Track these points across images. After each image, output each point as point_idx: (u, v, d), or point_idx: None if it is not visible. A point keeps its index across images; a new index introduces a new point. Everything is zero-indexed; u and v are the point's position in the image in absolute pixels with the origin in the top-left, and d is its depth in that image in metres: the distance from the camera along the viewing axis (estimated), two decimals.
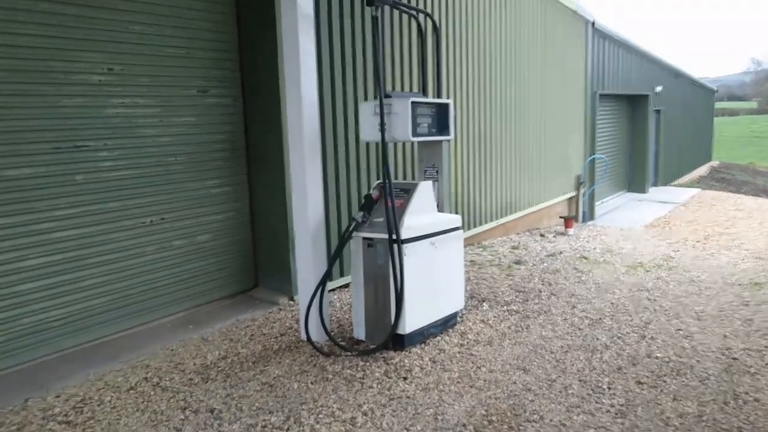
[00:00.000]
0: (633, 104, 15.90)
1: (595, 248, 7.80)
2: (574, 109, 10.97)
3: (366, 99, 5.60)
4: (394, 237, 3.83)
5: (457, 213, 7.32)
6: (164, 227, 4.75)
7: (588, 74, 11.54)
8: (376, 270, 4.03)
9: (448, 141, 4.44)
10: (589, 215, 11.83)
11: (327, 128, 5.27)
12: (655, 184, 17.56)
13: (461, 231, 4.41)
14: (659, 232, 9.91)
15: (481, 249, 7.56)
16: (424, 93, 4.55)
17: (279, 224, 5.20)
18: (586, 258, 7.06)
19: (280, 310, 5.03)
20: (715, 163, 27.85)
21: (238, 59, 5.23)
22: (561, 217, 9.66)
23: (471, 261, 6.84)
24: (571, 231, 9.25)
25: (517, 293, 5.46)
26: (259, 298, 5.34)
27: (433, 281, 4.18)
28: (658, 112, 17.22)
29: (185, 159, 4.86)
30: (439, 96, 4.53)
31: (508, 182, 8.68)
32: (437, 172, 4.48)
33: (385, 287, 3.97)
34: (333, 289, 5.48)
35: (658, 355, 3.96)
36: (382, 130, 3.90)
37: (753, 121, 67.74)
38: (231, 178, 5.23)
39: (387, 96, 4.01)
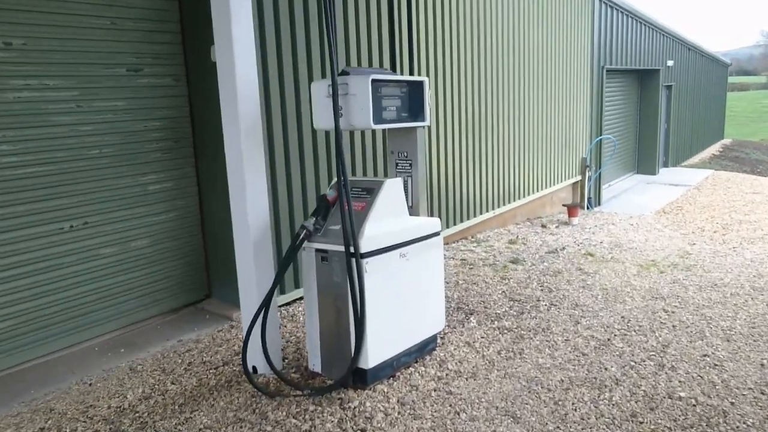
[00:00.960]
0: (642, 79, 14.96)
1: (602, 242, 7.01)
2: (579, 86, 10.09)
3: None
4: (352, 250, 3.06)
5: (447, 204, 6.53)
6: (88, 233, 3.99)
7: (595, 47, 10.63)
8: (332, 288, 3.26)
9: (424, 128, 3.64)
10: (596, 201, 11.02)
11: (287, 113, 4.48)
12: (665, 165, 16.67)
13: (440, 237, 3.63)
14: (672, 219, 9.10)
15: (474, 244, 6.79)
16: (394, 69, 3.74)
17: (232, 225, 4.44)
18: (591, 255, 6.27)
19: (232, 327, 4.28)
20: (727, 141, 26.82)
21: (179, 31, 4.42)
22: (564, 205, 8.85)
23: (462, 260, 6.07)
24: (575, 220, 8.45)
25: (512, 303, 4.69)
26: (210, 312, 4.59)
27: (405, 301, 3.41)
28: (668, 87, 16.26)
29: (113, 151, 4.08)
30: (411, 73, 3.72)
31: (507, 167, 7.87)
32: (411, 165, 3.69)
33: (344, 309, 3.21)
34: (297, 299, 4.72)
35: (681, 394, 3.19)
36: (336, 117, 3.10)
37: (764, 95, 66.17)
38: (173, 171, 4.45)
39: (343, 73, 3.21)
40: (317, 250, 3.28)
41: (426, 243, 3.52)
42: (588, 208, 10.31)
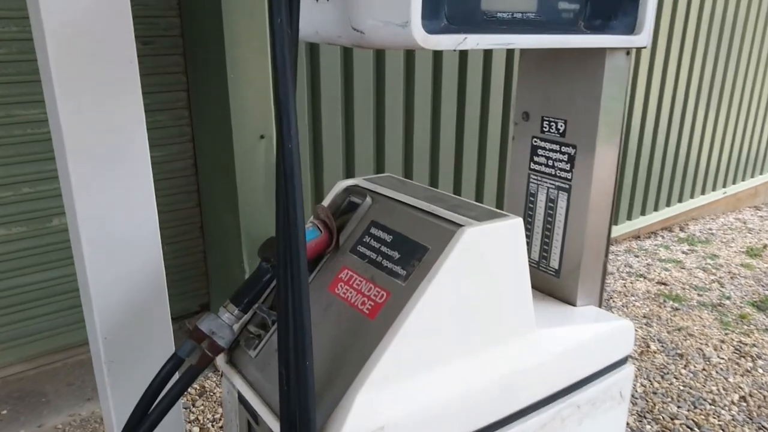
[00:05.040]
0: None
1: None
2: None
3: None
4: None
5: (647, 180, 3.93)
6: None
7: None
8: None
9: (630, 53, 1.20)
10: None
11: None
12: None
13: (627, 373, 1.29)
14: None
15: (684, 245, 4.13)
16: None
17: (229, 215, 2.46)
18: None
19: (206, 378, 2.42)
20: None
21: None
22: None
23: (660, 283, 3.54)
24: None
25: None
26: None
27: None
28: None
29: (17, 50, 2.22)
30: None
31: (752, 119, 4.87)
32: (570, 159, 1.29)
33: None
34: None
35: None
36: None
37: None
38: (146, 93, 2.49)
39: None
40: (241, 399, 1.15)
41: (584, 396, 1.21)
42: None
